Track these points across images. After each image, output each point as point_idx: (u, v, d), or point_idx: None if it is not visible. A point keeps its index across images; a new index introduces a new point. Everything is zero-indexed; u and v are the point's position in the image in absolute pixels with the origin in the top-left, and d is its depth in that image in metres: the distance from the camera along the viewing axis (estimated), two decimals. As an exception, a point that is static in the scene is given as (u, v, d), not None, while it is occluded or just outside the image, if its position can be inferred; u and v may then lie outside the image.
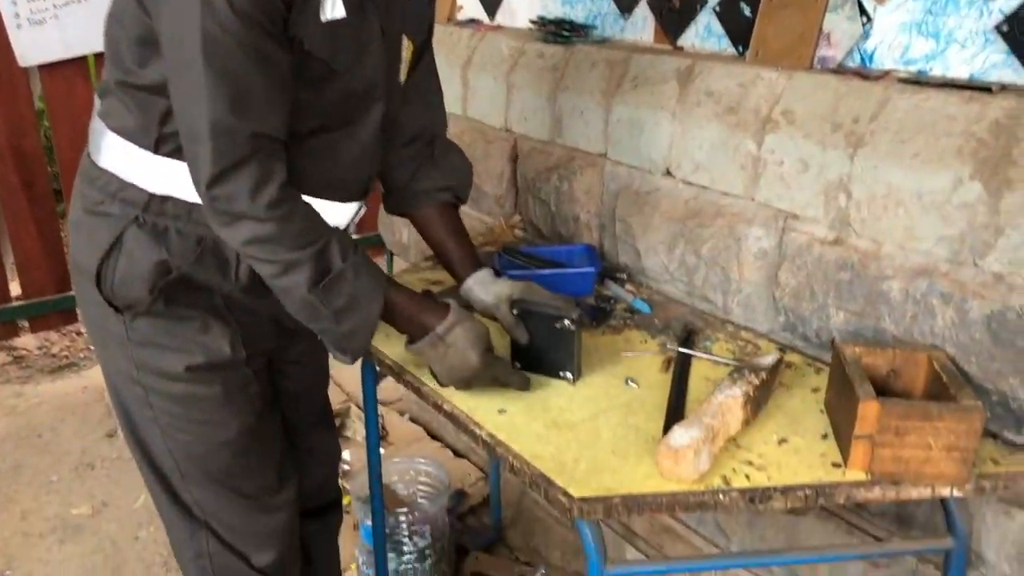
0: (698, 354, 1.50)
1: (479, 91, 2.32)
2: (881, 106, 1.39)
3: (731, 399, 1.25)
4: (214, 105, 1.10)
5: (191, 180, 1.18)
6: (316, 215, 1.25)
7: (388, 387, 3.11)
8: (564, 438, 1.27)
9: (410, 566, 2.19)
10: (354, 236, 1.45)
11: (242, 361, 1.37)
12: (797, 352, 1.54)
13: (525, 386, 1.38)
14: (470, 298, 1.50)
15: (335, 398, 3.08)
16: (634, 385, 1.42)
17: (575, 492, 1.15)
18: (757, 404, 1.30)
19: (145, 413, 1.38)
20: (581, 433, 1.29)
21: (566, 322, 1.37)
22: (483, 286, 1.48)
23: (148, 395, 1.35)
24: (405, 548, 2.17)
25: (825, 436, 1.27)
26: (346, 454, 2.77)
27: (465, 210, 2.35)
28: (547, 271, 1.77)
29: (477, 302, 1.49)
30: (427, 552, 2.19)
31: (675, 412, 1.31)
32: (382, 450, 2.85)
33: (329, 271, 1.22)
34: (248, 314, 1.38)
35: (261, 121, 1.14)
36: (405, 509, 2.17)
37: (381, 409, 2.99)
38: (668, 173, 1.76)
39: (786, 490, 1.15)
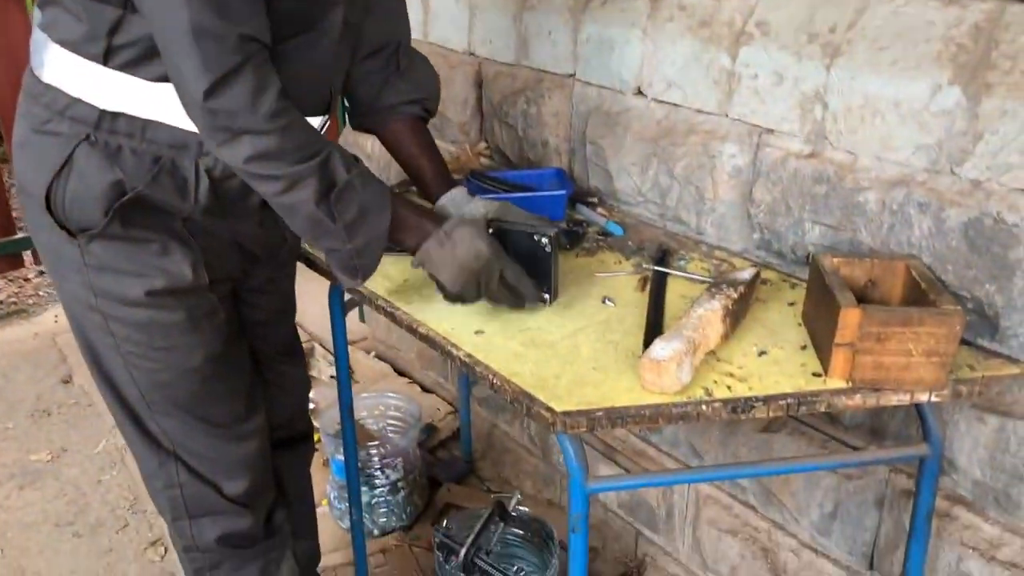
0: (674, 272, 1.49)
1: (440, 13, 2.24)
2: (858, 14, 1.36)
3: (710, 312, 1.24)
4: (191, 7, 1.03)
5: (180, 103, 1.12)
6: (312, 126, 1.19)
7: (352, 328, 3.07)
8: (543, 356, 1.25)
9: (382, 499, 2.18)
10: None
11: (205, 286, 1.32)
12: (772, 269, 1.53)
13: (536, 299, 1.35)
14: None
15: (298, 338, 3.05)
16: (611, 304, 1.40)
17: (557, 407, 1.13)
18: (735, 318, 1.30)
19: (106, 341, 1.32)
20: (560, 350, 1.27)
21: (543, 240, 1.34)
22: (457, 205, 1.44)
23: (108, 323, 1.30)
24: (377, 481, 2.16)
25: (804, 347, 1.26)
26: (312, 393, 2.73)
27: (429, 138, 2.28)
28: (517, 195, 1.73)
29: None
30: (399, 485, 2.18)
31: (654, 328, 1.30)
32: (349, 388, 2.82)
33: (335, 183, 1.18)
34: (210, 237, 1.32)
35: (246, 22, 1.07)
36: (376, 443, 2.15)
37: (346, 347, 2.96)
38: (639, 92, 1.73)
39: (768, 399, 1.15)
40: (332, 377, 2.85)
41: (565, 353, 1.26)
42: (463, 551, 1.67)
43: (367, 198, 1.21)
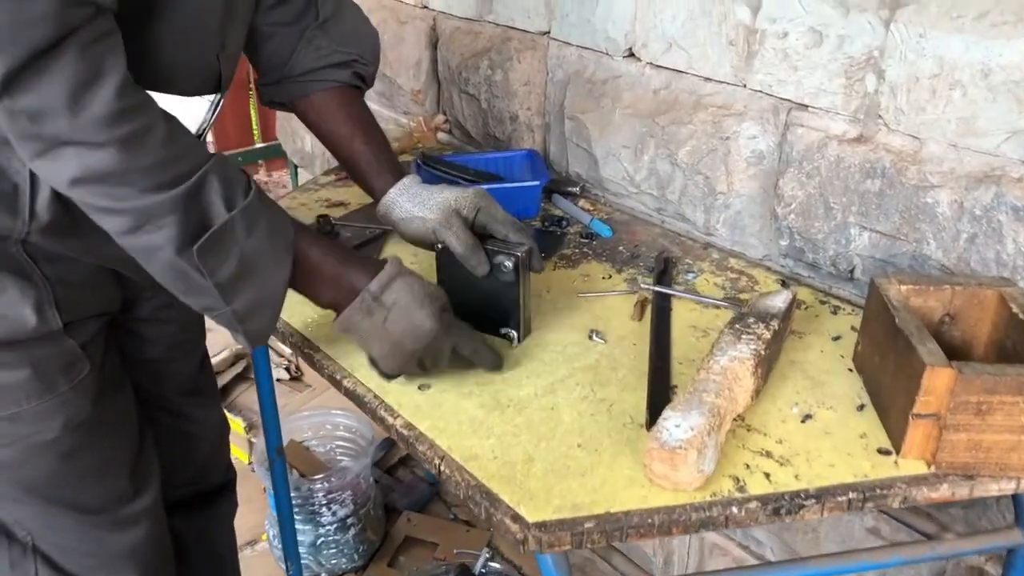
0: (680, 294, 1.15)
1: (387, -42, 1.86)
2: (929, -50, 1.01)
3: (738, 363, 0.91)
4: None
5: None
6: (182, 130, 0.82)
7: (300, 322, 2.68)
8: (510, 425, 0.92)
9: (330, 539, 1.85)
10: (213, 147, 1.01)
11: (59, 332, 0.97)
12: (804, 284, 1.20)
13: (498, 364, 1.00)
14: (395, 217, 1.09)
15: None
16: (600, 340, 1.06)
17: (529, 515, 0.80)
18: (768, 366, 0.97)
19: (-81, 412, 0.97)
20: (533, 416, 0.93)
21: (505, 265, 0.99)
22: (414, 197, 1.07)
23: (-78, 386, 0.95)
24: (323, 519, 1.83)
25: (861, 407, 0.94)
26: (255, 399, 2.40)
27: (374, 108, 1.92)
28: (478, 186, 1.38)
29: (407, 221, 1.07)
30: (349, 522, 1.86)
31: (660, 382, 0.97)
32: (298, 394, 2.49)
33: (208, 224, 0.81)
34: (63, 264, 0.96)
35: None
36: (320, 476, 1.82)
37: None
38: (631, 55, 1.37)
39: (822, 494, 0.82)
40: (279, 380, 2.51)
41: (540, 420, 0.92)
42: (418, 629, 1.35)
43: (254, 246, 0.84)
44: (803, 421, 0.92)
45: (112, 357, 1.08)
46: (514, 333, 1.04)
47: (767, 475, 0.84)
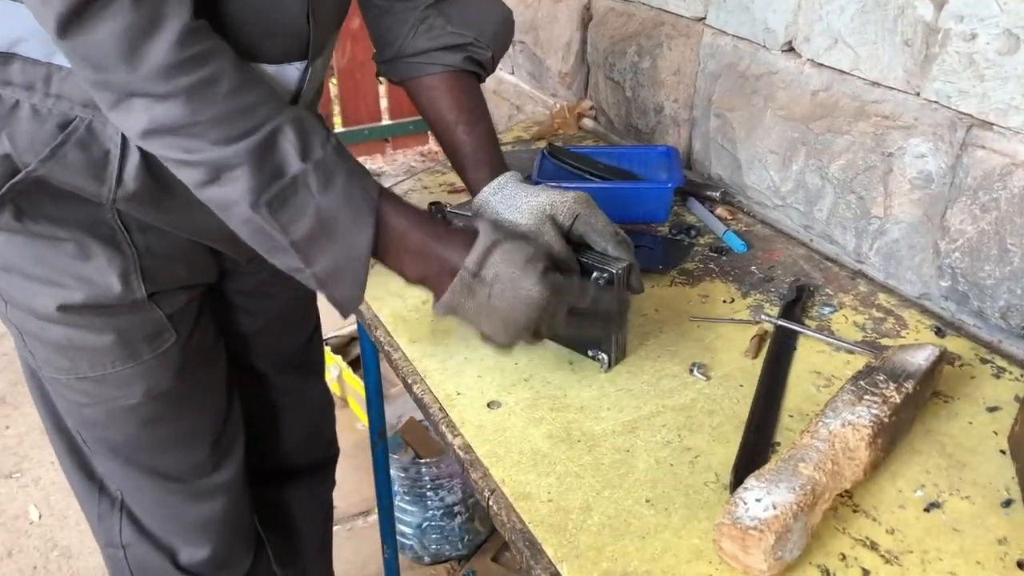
0: (807, 331, 1.00)
1: (549, -68, 1.76)
2: None
3: (851, 430, 0.76)
4: None
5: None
6: (255, 80, 0.78)
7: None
8: (575, 463, 0.82)
9: (435, 523, 1.83)
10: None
11: (143, 301, 0.97)
12: (965, 336, 1.01)
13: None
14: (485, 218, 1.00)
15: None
16: (701, 376, 0.94)
17: (570, 574, 0.71)
18: (893, 436, 0.81)
19: (29, 360, 1.02)
20: (603, 456, 0.83)
21: (599, 281, 0.89)
22: (507, 199, 0.98)
23: (24, 338, 0.99)
24: (429, 503, 1.82)
25: (1008, 504, 0.76)
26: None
27: (525, 89, 1.86)
28: (602, 184, 1.28)
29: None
30: (456, 509, 1.83)
31: (758, 437, 0.83)
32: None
33: (280, 174, 0.77)
34: (153, 234, 0.96)
35: None
36: (432, 460, 1.80)
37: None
38: (791, 49, 1.21)
39: (932, 610, 0.67)
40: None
41: (610, 464, 0.82)
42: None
43: (330, 203, 0.79)
44: (927, 510, 0.76)
45: (204, 329, 1.08)
46: (604, 357, 0.94)
47: (865, 572, 0.70)
